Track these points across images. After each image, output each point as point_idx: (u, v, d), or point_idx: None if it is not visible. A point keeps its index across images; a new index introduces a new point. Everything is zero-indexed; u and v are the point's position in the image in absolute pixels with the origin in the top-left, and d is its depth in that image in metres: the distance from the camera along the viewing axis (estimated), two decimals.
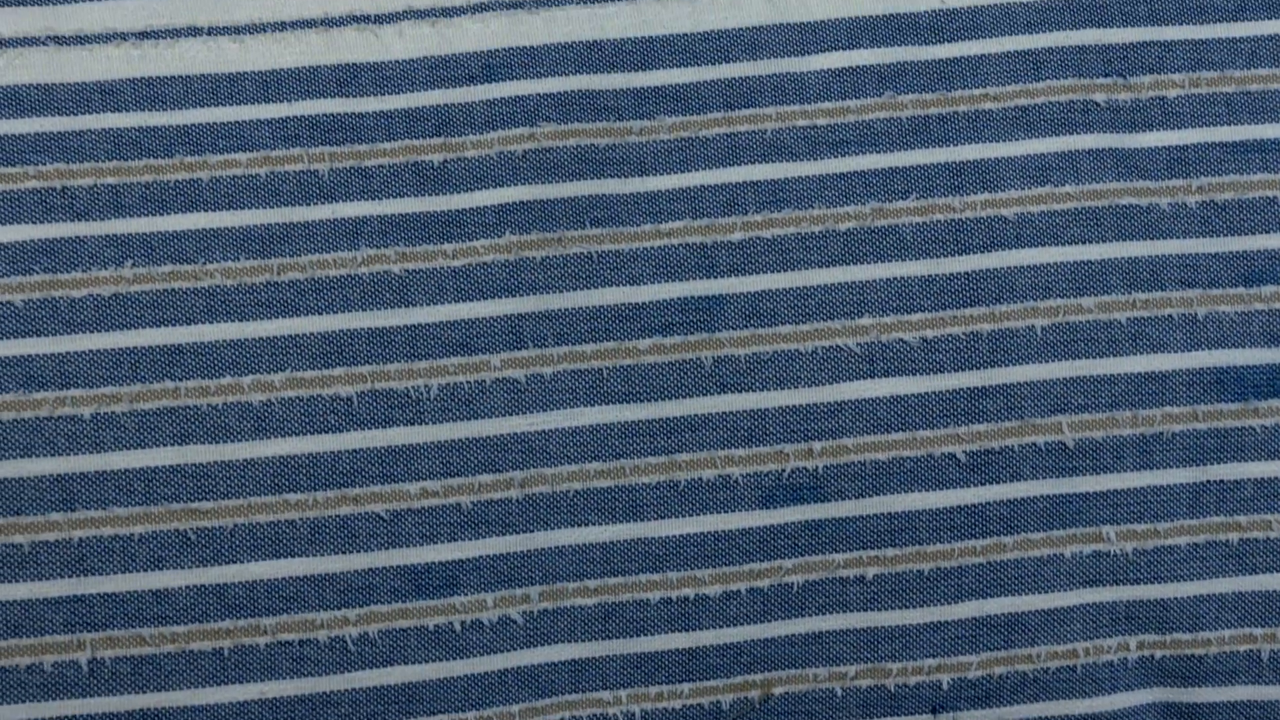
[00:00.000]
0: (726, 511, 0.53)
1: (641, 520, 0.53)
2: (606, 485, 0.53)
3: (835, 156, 0.56)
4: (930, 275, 0.55)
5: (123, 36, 0.56)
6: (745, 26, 0.57)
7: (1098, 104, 0.56)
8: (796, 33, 0.57)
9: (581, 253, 0.55)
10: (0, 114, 0.55)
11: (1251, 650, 0.53)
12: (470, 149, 0.55)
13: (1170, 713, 0.53)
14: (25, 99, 0.55)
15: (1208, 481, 0.54)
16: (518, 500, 0.53)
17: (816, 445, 0.54)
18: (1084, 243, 0.55)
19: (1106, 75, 0.57)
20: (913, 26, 0.57)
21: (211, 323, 0.54)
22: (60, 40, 0.56)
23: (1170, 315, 0.54)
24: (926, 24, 0.57)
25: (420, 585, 0.53)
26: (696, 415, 0.54)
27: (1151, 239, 0.55)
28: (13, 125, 0.55)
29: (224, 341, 0.54)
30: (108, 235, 0.54)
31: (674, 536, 0.53)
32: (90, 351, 0.53)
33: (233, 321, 0.54)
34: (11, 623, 0.52)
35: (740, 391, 0.54)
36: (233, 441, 0.53)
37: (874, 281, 0.55)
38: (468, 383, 0.54)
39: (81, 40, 0.56)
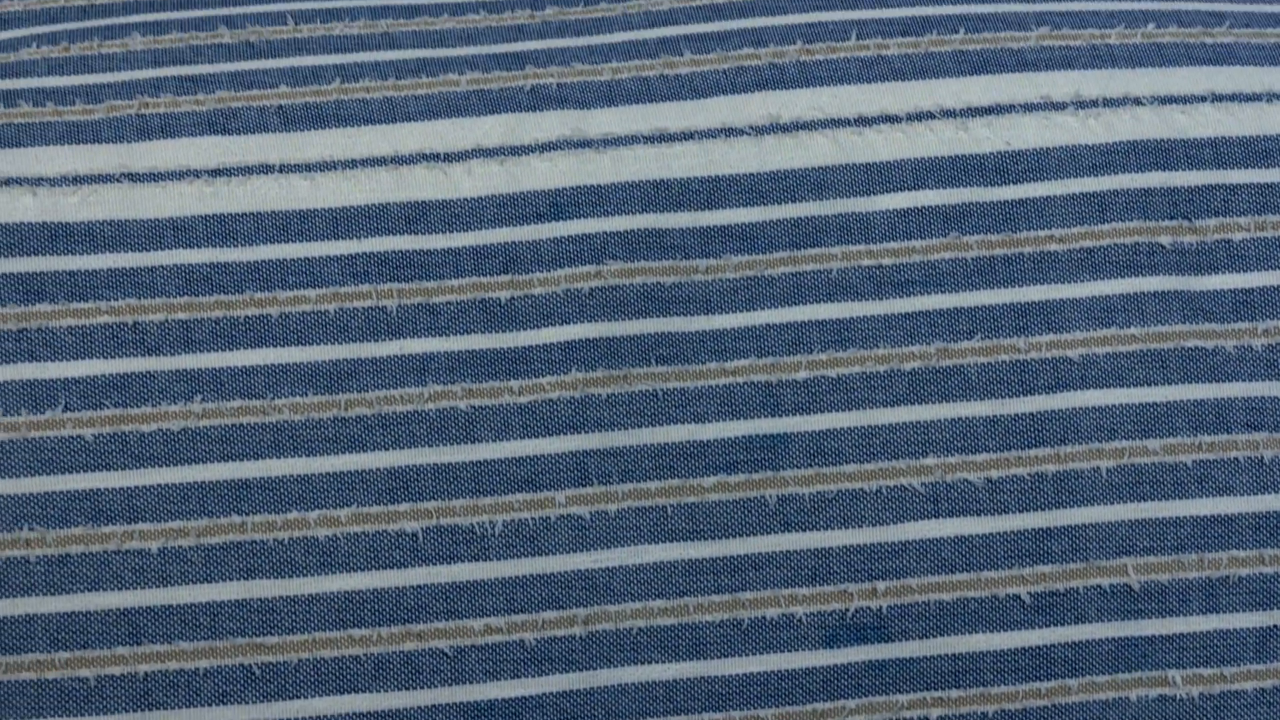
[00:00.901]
0: (790, 650, 0.55)
1: (705, 658, 0.54)
2: (670, 623, 0.55)
3: (901, 296, 0.57)
4: (995, 415, 0.56)
5: (196, 174, 0.58)
6: (811, 166, 0.58)
7: (1163, 246, 0.58)
8: (862, 173, 0.58)
9: (647, 390, 0.56)
10: (75, 250, 0.56)
11: None
12: (537, 286, 0.57)
13: None
14: (99, 235, 0.57)
15: (1275, 626, 0.55)
16: (581, 637, 0.54)
17: (880, 585, 0.55)
18: (1149, 385, 0.56)
19: (1172, 218, 0.58)
20: (978, 168, 0.58)
21: (279, 458, 0.55)
22: (134, 177, 0.58)
23: (1236, 459, 0.56)
24: (992, 165, 0.58)
25: None
26: (760, 553, 0.55)
27: (1217, 381, 0.56)
28: (86, 261, 0.56)
29: (291, 477, 0.55)
30: (178, 370, 0.56)
31: (737, 675, 0.54)
32: (158, 486, 0.55)
33: (300, 457, 0.55)
34: None
35: (804, 530, 0.55)
36: (298, 576, 0.54)
37: (939, 421, 0.56)
38: (532, 519, 0.55)
39: (155, 177, 0.58)
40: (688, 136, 0.59)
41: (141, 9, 0.64)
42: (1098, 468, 0.55)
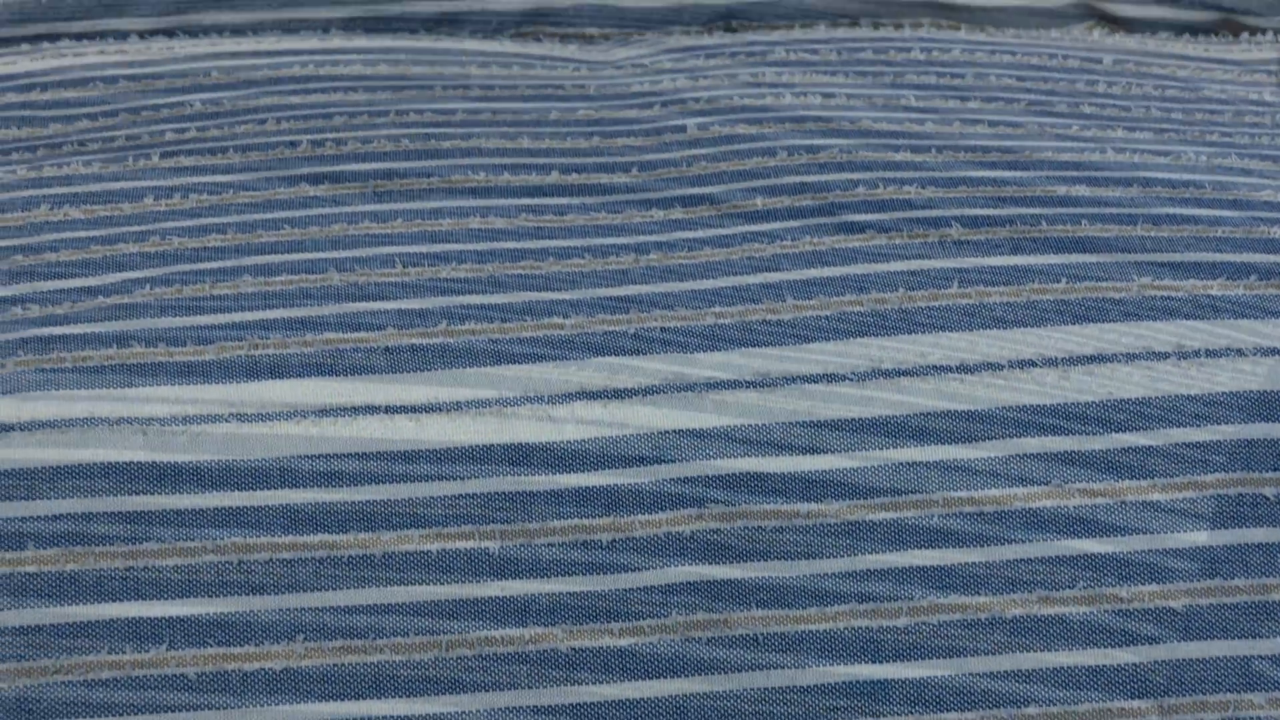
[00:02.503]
0: None
1: None
2: None
3: (1002, 544, 0.59)
4: (1099, 666, 0.58)
5: (302, 413, 0.61)
6: (913, 413, 0.61)
7: (1267, 498, 0.60)
8: (964, 420, 0.60)
9: (747, 634, 0.58)
10: (182, 489, 0.59)
11: None
12: (638, 528, 0.59)
13: None
14: (206, 474, 0.59)
15: None
16: None
17: None
18: (1255, 638, 0.58)
19: (1275, 469, 0.60)
20: (1080, 417, 0.61)
21: (379, 698, 0.57)
22: (242, 417, 0.61)
23: None
24: (1094, 415, 0.61)
25: None
26: None
27: None
28: (193, 500, 0.59)
29: (391, 717, 0.57)
30: (281, 609, 0.58)
31: None
32: None
33: (400, 697, 0.57)
34: None
35: None
36: None
37: (1041, 670, 0.58)
38: None
39: (263, 417, 0.61)
40: (790, 381, 0.61)
41: (253, 252, 0.67)
42: (1202, 718, 0.57)
